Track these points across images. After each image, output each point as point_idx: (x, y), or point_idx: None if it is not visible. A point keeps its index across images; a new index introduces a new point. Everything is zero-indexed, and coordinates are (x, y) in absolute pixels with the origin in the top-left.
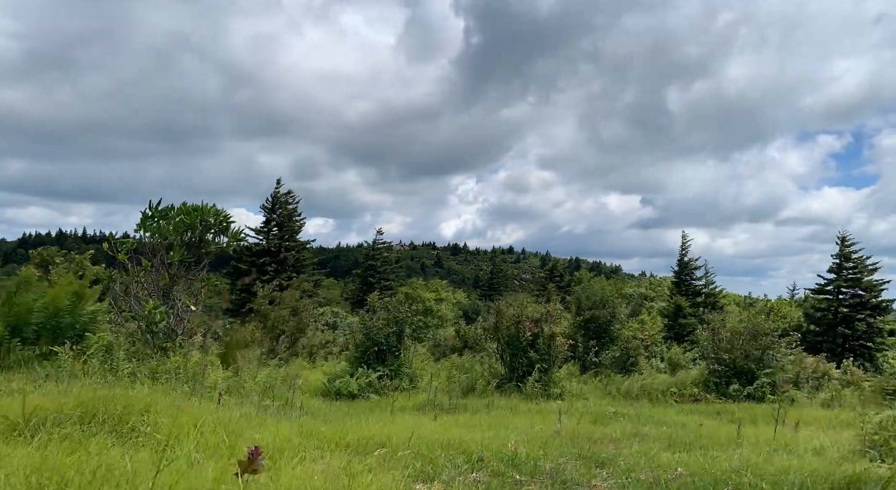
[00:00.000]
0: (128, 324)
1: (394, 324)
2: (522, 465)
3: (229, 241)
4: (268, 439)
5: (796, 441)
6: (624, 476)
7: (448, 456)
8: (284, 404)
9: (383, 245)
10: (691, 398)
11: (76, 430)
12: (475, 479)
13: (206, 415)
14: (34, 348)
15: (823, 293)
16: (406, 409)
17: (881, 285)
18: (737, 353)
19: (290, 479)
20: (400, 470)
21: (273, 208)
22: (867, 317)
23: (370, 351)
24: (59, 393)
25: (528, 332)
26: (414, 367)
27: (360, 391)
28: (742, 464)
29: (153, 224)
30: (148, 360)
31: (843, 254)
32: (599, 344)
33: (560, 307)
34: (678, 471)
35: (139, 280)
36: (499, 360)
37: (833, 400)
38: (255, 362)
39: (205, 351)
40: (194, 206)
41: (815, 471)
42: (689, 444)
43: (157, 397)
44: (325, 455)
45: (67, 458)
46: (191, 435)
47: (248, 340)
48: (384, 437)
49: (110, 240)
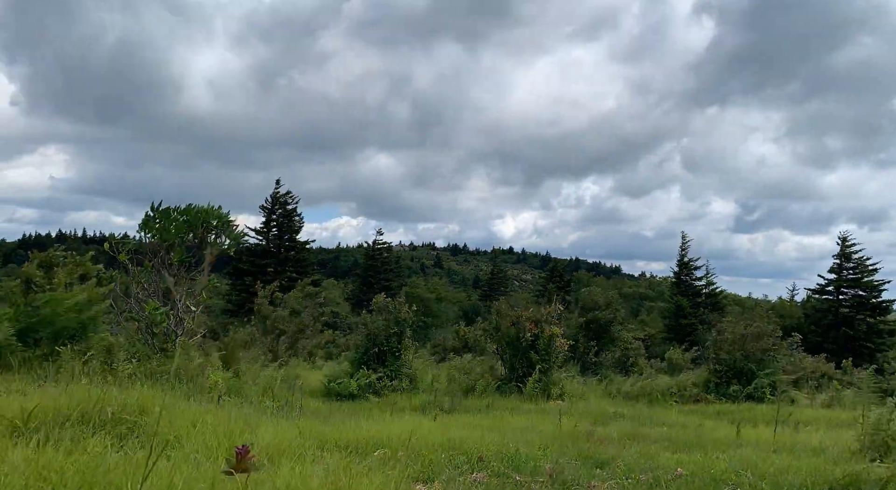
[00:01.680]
0: (128, 324)
1: (394, 325)
2: (522, 466)
3: (230, 243)
4: (267, 440)
5: (796, 441)
6: (624, 476)
7: (448, 456)
8: (284, 405)
9: (383, 245)
10: (691, 399)
11: (76, 431)
12: (475, 480)
13: (205, 415)
14: (34, 349)
15: (824, 293)
16: (406, 409)
17: (882, 285)
18: (737, 353)
19: (290, 479)
20: (399, 470)
21: (273, 209)
22: (867, 317)
23: (370, 352)
24: (59, 393)
25: (528, 332)
26: (414, 367)
27: (360, 392)
28: (742, 464)
29: (155, 225)
30: (148, 361)
31: (844, 254)
32: (599, 345)
33: (560, 308)
34: (678, 471)
35: (139, 280)
36: (499, 360)
37: (833, 400)
38: (256, 363)
39: (205, 351)
40: (196, 208)
41: (814, 471)
42: (688, 444)
43: (156, 398)
44: (324, 455)
45: (66, 458)
46: (190, 435)
47: (248, 341)
48: (384, 438)
49: (111, 240)
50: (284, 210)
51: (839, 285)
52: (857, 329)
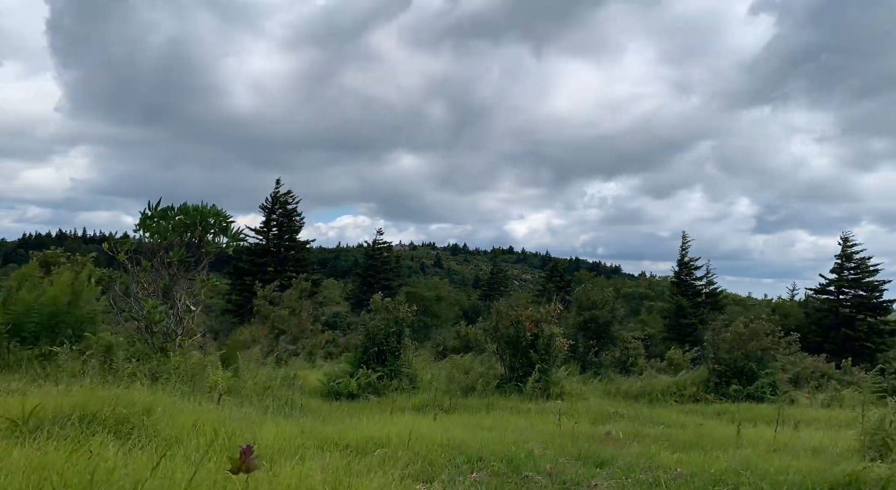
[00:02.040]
0: (127, 324)
1: (394, 324)
2: (522, 466)
3: (229, 242)
4: (268, 439)
5: (796, 441)
6: (624, 476)
7: (448, 456)
8: (284, 404)
9: (383, 245)
10: (691, 398)
11: (75, 431)
12: (475, 479)
13: (205, 415)
14: (33, 348)
15: (825, 293)
16: (406, 409)
17: (882, 286)
18: (737, 353)
19: (290, 478)
20: (400, 470)
21: (273, 208)
22: (868, 317)
23: (370, 351)
24: (59, 393)
25: (528, 332)
26: (414, 367)
27: (359, 391)
28: (742, 463)
29: (152, 224)
30: (147, 361)
31: (845, 254)
32: (599, 344)
33: (560, 307)
34: (678, 471)
35: (139, 280)
36: (499, 360)
37: (833, 400)
38: (256, 362)
39: (205, 351)
40: (194, 207)
41: (814, 470)
42: (688, 444)
43: (156, 398)
44: (324, 455)
45: (67, 458)
46: (190, 435)
47: (248, 340)
48: (384, 437)
49: (110, 240)
50: (285, 210)
51: (840, 285)
52: (857, 329)
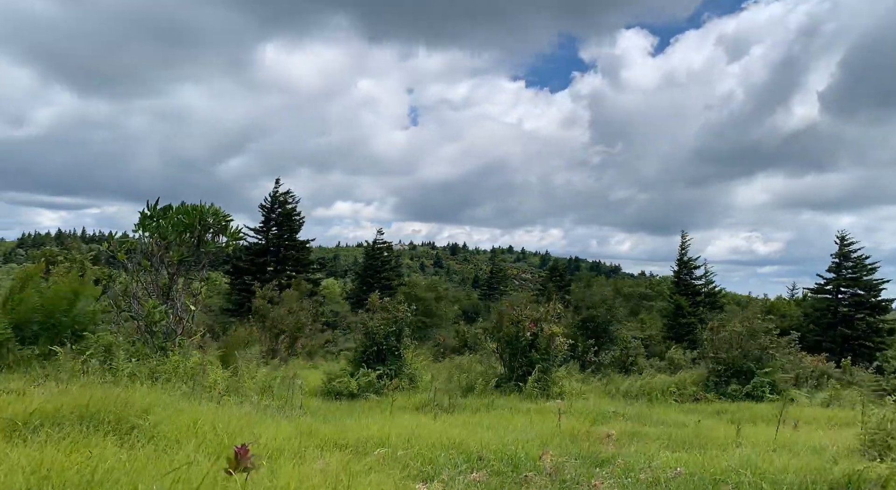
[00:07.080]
0: (127, 323)
1: (393, 324)
2: (522, 465)
3: (228, 241)
4: (267, 439)
5: (796, 440)
6: (623, 475)
7: (448, 455)
8: (284, 404)
9: (383, 245)
10: (691, 398)
11: (75, 430)
12: (475, 479)
13: (205, 415)
14: (33, 348)
15: (823, 292)
16: (406, 408)
17: (881, 284)
18: (735, 352)
19: (290, 478)
20: (399, 469)
21: (272, 208)
22: (867, 316)
23: (370, 351)
24: (59, 393)
25: (528, 332)
26: (414, 366)
27: (359, 391)
28: (741, 463)
29: (152, 224)
30: (147, 360)
31: (843, 253)
32: (599, 343)
33: (560, 307)
34: (677, 470)
35: (138, 280)
36: (498, 359)
37: (832, 399)
38: (255, 362)
39: (204, 350)
40: (193, 206)
41: (814, 470)
42: (688, 443)
43: (156, 397)
44: (324, 455)
45: (67, 458)
46: (190, 435)
47: (247, 340)
48: (384, 437)
49: (110, 240)
50: (284, 209)
51: (838, 284)
52: (855, 328)
